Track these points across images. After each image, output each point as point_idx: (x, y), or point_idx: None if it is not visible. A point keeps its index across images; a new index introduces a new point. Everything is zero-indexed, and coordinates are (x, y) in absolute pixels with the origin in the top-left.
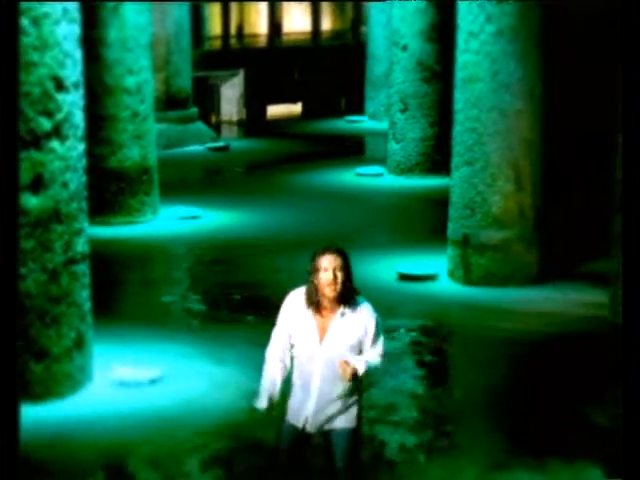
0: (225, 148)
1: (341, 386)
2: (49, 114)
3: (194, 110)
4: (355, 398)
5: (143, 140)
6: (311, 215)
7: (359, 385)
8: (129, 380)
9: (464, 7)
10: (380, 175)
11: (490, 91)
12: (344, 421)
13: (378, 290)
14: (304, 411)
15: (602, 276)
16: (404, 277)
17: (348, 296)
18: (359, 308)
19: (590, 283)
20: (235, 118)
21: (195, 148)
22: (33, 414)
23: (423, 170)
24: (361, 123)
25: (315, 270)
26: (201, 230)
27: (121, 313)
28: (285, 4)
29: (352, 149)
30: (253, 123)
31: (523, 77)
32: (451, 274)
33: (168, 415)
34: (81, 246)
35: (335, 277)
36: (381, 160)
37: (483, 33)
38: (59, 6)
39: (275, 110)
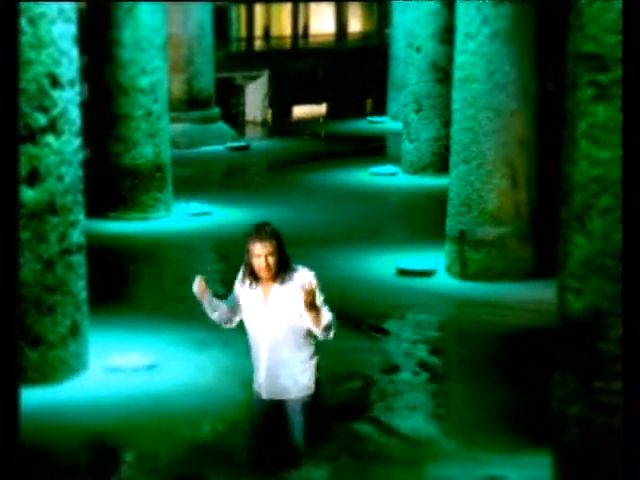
0: (245, 148)
1: (290, 349)
2: (45, 110)
3: (216, 110)
4: (308, 365)
5: (156, 138)
6: (322, 213)
7: (313, 351)
8: (124, 367)
9: (461, 9)
10: (394, 174)
11: (486, 91)
12: (296, 391)
13: (377, 284)
14: (259, 379)
15: None
16: (403, 272)
17: (283, 271)
18: (296, 274)
19: None
20: (259, 118)
21: (216, 148)
22: (28, 399)
23: (436, 169)
24: (383, 124)
25: (248, 253)
26: (212, 226)
27: (128, 304)
28: (314, 6)
29: (372, 149)
30: (277, 123)
31: (518, 77)
32: (448, 269)
33: (161, 401)
34: (76, 237)
35: (267, 263)
36: (400, 160)
37: (479, 35)
38: (55, 6)
39: (301, 111)
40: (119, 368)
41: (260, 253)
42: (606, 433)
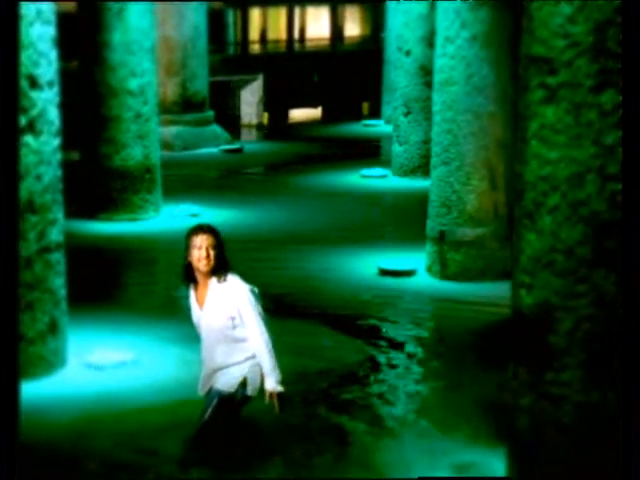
0: (239, 150)
1: (222, 350)
2: (24, 110)
3: (210, 113)
4: (239, 366)
5: (146, 140)
6: (311, 214)
7: (248, 354)
8: (104, 363)
9: (441, 13)
10: (384, 177)
11: (465, 94)
12: (221, 383)
13: (358, 284)
14: (200, 380)
15: None
16: (384, 272)
17: (220, 270)
18: (229, 280)
19: None
20: (254, 122)
21: (210, 150)
22: None
23: (425, 172)
24: (377, 127)
25: (189, 248)
26: None
27: (116, 302)
28: (311, 10)
29: (366, 152)
30: (273, 126)
31: (496, 81)
32: (429, 269)
33: (140, 396)
34: (55, 235)
35: (208, 255)
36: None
37: (458, 38)
38: (33, 7)
39: (297, 114)
40: (99, 364)
41: (202, 245)
42: (555, 423)
